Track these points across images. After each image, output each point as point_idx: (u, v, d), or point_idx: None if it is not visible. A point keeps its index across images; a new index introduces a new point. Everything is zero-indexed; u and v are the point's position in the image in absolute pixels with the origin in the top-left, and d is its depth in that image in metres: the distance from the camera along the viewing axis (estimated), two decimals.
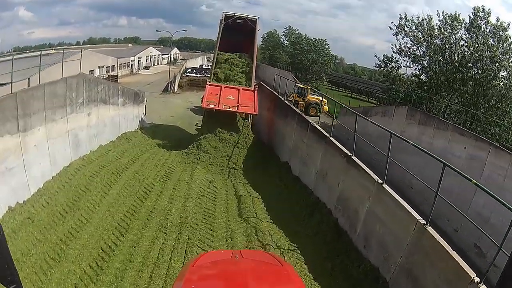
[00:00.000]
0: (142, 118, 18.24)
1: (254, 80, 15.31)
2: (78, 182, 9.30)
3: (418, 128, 13.96)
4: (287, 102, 14.02)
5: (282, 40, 56.32)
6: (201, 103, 17.20)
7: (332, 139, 8.57)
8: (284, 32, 55.92)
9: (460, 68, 22.91)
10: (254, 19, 16.25)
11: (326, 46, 47.11)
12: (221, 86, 14.34)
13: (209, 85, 14.49)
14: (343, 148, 7.91)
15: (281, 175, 11.18)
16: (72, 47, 49.71)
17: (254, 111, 13.86)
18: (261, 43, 54.90)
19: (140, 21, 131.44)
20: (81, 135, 11.32)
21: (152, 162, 11.98)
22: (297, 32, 53.51)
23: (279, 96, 15.35)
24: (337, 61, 67.90)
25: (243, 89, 14.47)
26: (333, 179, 8.16)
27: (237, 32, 16.29)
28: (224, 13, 16.08)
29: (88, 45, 61.31)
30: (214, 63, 15.79)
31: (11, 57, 9.20)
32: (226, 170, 12.21)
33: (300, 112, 11.60)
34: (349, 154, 7.57)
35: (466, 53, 22.29)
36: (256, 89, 14.57)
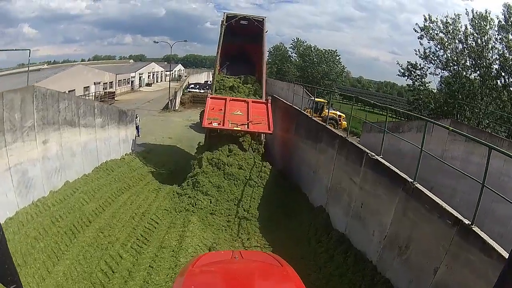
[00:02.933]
0: (131, 142, 15.25)
1: (264, 95, 12.23)
2: (16, 249, 6.23)
3: (465, 146, 10.67)
4: (318, 120, 10.56)
5: (290, 53, 53.76)
6: (201, 121, 14.21)
7: (419, 186, 4.91)
8: (291, 44, 53.33)
9: (502, 74, 20.08)
10: (261, 19, 13.52)
11: (337, 58, 44.39)
12: (225, 99, 11.36)
13: (211, 98, 11.43)
14: (447, 208, 4.31)
15: (318, 231, 7.35)
16: (75, 63, 47.87)
17: (269, 130, 10.87)
18: (267, 57, 52.37)
19: (145, 39, 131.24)
20: (33, 172, 8.33)
21: (129, 210, 8.48)
22: (305, 43, 50.81)
23: (303, 111, 12.00)
24: (344, 74, 65.84)
25: (253, 101, 11.55)
26: (423, 258, 4.60)
27: (242, 36, 13.73)
28: (225, 13, 13.46)
29: (89, 62, 59.87)
30: (214, 86, 12.71)
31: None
32: (234, 223, 8.43)
33: (344, 136, 7.93)
34: (466, 222, 4.01)
35: (507, 56, 19.41)
36: (269, 101, 11.52)
